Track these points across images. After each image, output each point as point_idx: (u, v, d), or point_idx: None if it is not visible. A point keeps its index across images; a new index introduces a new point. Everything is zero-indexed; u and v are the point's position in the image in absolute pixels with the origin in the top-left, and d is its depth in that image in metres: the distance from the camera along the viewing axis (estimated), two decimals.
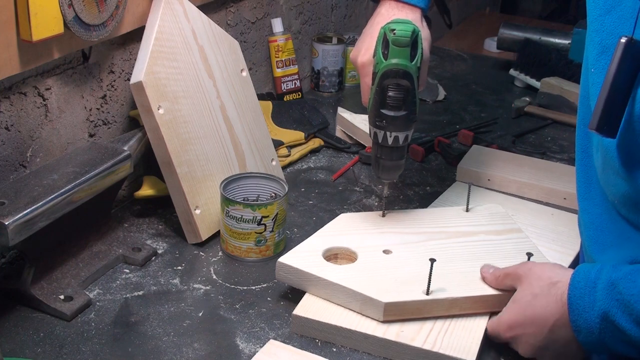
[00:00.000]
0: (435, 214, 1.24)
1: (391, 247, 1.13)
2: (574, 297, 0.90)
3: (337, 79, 1.83)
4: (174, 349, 1.00)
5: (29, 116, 1.12)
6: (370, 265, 1.09)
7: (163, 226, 1.27)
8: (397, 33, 1.07)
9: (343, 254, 1.12)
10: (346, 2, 1.96)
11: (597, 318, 0.87)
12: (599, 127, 0.82)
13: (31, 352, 0.98)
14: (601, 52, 0.87)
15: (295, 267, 1.07)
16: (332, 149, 1.57)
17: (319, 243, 1.13)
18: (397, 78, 1.08)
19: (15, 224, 0.97)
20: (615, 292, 0.86)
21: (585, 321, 0.89)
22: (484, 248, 1.14)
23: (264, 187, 1.25)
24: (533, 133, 1.69)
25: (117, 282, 1.13)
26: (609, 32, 0.86)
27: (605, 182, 0.92)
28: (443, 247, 1.14)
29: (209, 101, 1.26)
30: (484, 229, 1.19)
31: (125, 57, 1.28)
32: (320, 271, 1.06)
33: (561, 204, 1.36)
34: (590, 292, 0.88)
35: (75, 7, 1.08)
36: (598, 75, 0.86)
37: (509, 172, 1.42)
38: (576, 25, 1.97)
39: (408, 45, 1.07)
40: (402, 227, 1.18)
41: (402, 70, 1.07)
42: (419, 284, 1.03)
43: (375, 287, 1.03)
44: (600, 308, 0.87)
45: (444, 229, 1.18)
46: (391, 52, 1.07)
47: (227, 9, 1.50)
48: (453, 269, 1.08)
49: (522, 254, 1.09)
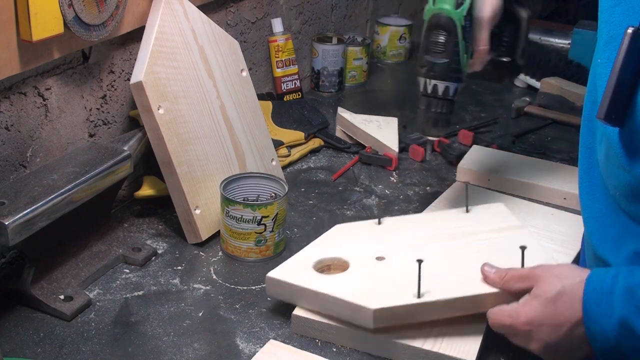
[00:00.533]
0: (435, 217, 1.22)
1: (385, 253, 1.08)
2: (590, 303, 0.88)
3: (337, 79, 1.83)
4: (174, 349, 1.00)
5: (29, 116, 1.12)
6: (361, 273, 1.05)
7: (163, 226, 1.27)
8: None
9: (335, 264, 1.08)
10: (346, 2, 1.96)
11: (616, 326, 0.86)
12: (607, 116, 0.82)
13: (31, 352, 0.98)
14: (608, 43, 0.87)
15: (283, 281, 1.03)
16: (332, 149, 1.57)
17: (310, 255, 1.09)
18: (440, 23, 1.08)
19: (15, 224, 0.97)
20: (635, 298, 0.84)
21: (601, 328, 0.87)
22: (482, 247, 1.09)
23: (264, 187, 1.24)
24: (533, 133, 1.69)
25: (117, 282, 1.13)
26: (617, 23, 0.86)
27: (607, 175, 0.92)
28: (440, 249, 1.09)
29: (209, 101, 1.26)
30: (486, 227, 1.15)
31: (125, 57, 1.28)
32: (308, 282, 1.02)
33: (561, 204, 1.36)
34: (608, 298, 0.87)
35: (75, 7, 1.08)
36: (604, 66, 0.87)
37: (509, 172, 1.42)
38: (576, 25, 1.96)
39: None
40: (398, 233, 1.14)
41: (445, 15, 1.07)
42: (410, 287, 0.98)
43: (365, 294, 0.99)
44: (619, 315, 0.85)
45: (444, 231, 1.14)
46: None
47: (227, 9, 1.50)
48: (450, 270, 1.03)
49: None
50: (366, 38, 1.92)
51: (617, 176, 0.89)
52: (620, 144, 0.85)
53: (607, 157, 0.91)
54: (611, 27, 0.87)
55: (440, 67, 1.10)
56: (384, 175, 1.48)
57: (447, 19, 1.08)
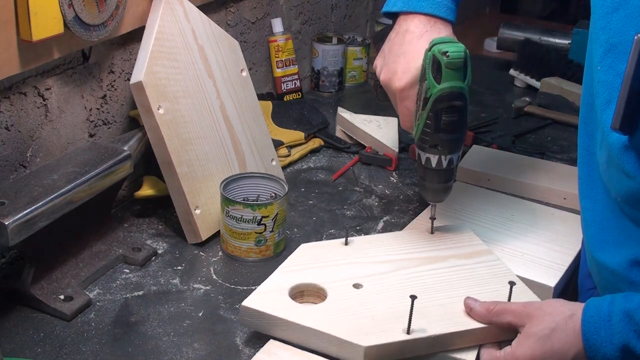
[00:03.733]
0: (398, 238, 1.18)
1: (360, 280, 1.05)
2: (589, 333, 0.88)
3: (337, 79, 1.83)
4: (174, 349, 1.00)
5: (29, 116, 1.12)
6: (342, 303, 1.01)
7: (163, 226, 1.27)
8: (451, 55, 1.02)
9: (310, 290, 1.05)
10: (346, 2, 1.96)
11: (617, 352, 0.86)
12: (622, 126, 0.81)
13: (31, 352, 0.98)
14: (608, 50, 0.87)
15: (261, 312, 0.99)
16: (332, 149, 1.57)
17: (284, 280, 1.05)
18: (452, 101, 1.05)
19: (15, 224, 0.97)
20: (632, 322, 0.85)
21: (603, 355, 0.87)
22: (456, 275, 1.08)
23: (264, 187, 1.25)
24: (533, 133, 1.69)
25: (117, 282, 1.13)
26: (616, 30, 0.86)
27: (609, 180, 0.92)
28: (414, 276, 1.07)
29: (209, 101, 1.27)
30: (452, 252, 1.13)
31: (125, 57, 1.28)
32: (289, 314, 0.98)
33: (561, 204, 1.36)
34: (606, 325, 0.87)
35: (75, 7, 1.08)
36: (605, 73, 0.86)
37: (509, 172, 1.42)
38: (576, 25, 1.96)
39: (462, 67, 1.04)
40: (368, 257, 1.11)
41: (456, 92, 1.04)
42: (397, 321, 0.97)
43: (352, 329, 0.96)
44: (620, 341, 0.86)
45: (411, 255, 1.12)
46: (445, 75, 1.03)
47: (227, 9, 1.50)
48: (429, 302, 1.01)
49: (498, 278, 1.07)
50: (366, 38, 1.92)
51: (619, 182, 0.88)
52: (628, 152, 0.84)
53: (608, 163, 0.90)
54: (610, 35, 0.86)
55: (457, 142, 1.09)
56: (384, 175, 1.48)
57: (460, 96, 1.05)
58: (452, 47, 1.03)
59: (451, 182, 1.14)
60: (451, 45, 1.04)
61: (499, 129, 1.69)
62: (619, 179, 0.87)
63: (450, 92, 1.04)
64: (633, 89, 0.80)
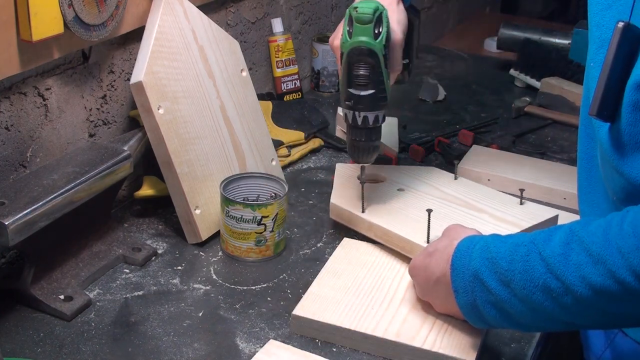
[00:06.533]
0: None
1: None
2: (456, 259, 0.94)
3: (337, 79, 1.83)
4: (174, 349, 1.00)
5: (29, 116, 1.12)
6: None
7: (163, 226, 1.27)
8: (359, 10, 1.06)
9: None
10: (346, 2, 1.96)
11: (470, 277, 0.91)
12: (599, 112, 0.83)
13: (31, 352, 0.98)
14: (600, 46, 0.87)
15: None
16: (332, 149, 1.57)
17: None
18: (362, 56, 1.07)
19: (15, 224, 0.97)
20: (486, 251, 0.90)
21: (462, 281, 0.92)
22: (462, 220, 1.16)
23: (264, 187, 1.25)
24: (533, 133, 1.69)
25: (117, 282, 1.13)
26: (608, 27, 0.87)
27: (606, 179, 0.92)
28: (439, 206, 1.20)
29: (209, 101, 1.27)
30: (491, 211, 1.22)
31: (125, 57, 1.28)
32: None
33: (561, 204, 1.36)
34: (468, 254, 0.92)
35: (75, 7, 1.08)
36: (596, 69, 0.87)
37: (509, 172, 1.42)
38: (576, 25, 1.96)
39: (370, 22, 1.06)
40: None
41: (365, 47, 1.07)
42: None
43: None
44: (473, 267, 0.91)
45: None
46: (355, 30, 1.07)
47: (227, 9, 1.50)
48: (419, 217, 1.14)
49: None
50: None
51: (613, 180, 0.88)
52: (609, 141, 0.85)
53: (602, 159, 0.91)
54: (603, 31, 0.88)
55: (368, 99, 1.10)
56: None
57: (369, 51, 1.07)
58: (363, 4, 1.07)
59: (372, 142, 1.15)
60: (364, 3, 1.07)
61: (499, 129, 1.69)
62: (612, 177, 0.88)
63: (359, 47, 1.07)
64: (611, 75, 0.82)
